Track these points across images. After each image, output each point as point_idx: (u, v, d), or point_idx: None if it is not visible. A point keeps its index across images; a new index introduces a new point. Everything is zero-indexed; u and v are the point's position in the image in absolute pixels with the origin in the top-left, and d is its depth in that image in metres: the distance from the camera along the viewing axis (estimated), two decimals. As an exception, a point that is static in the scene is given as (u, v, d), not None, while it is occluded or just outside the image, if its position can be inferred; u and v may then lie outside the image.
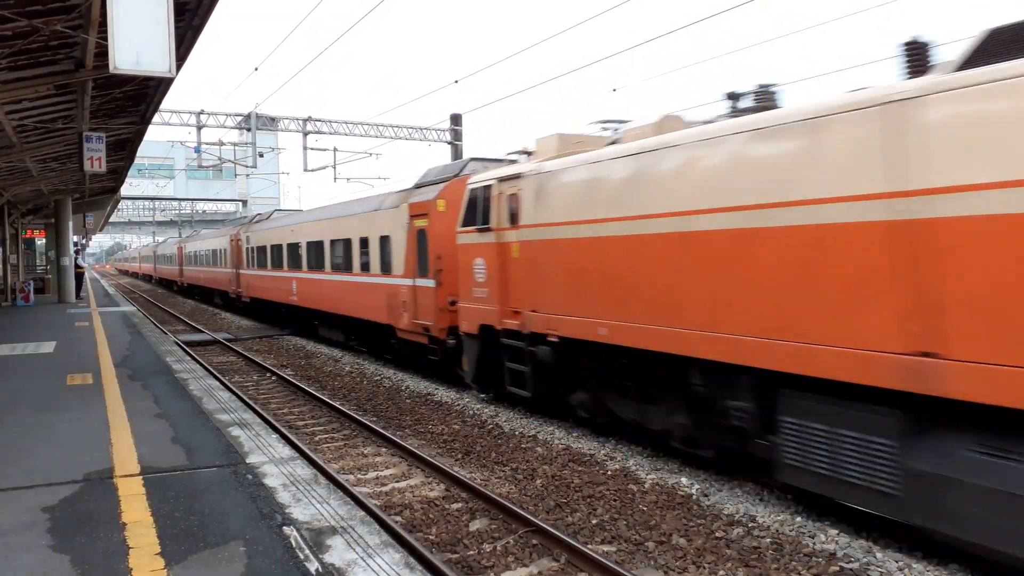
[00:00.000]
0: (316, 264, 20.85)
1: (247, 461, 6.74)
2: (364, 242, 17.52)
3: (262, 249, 26.25)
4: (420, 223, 14.47)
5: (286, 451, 7.17)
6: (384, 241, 16.34)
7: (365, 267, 17.35)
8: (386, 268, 16.15)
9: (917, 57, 7.05)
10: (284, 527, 5.08)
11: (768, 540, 6.74)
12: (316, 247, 20.83)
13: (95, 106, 13.86)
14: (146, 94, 13.70)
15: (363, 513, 5.48)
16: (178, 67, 9.96)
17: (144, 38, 6.99)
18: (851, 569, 6.13)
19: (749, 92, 8.84)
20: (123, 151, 19.88)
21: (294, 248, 22.57)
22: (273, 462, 6.73)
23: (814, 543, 6.66)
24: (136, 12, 7.02)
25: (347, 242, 18.54)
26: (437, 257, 13.89)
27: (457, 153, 32.33)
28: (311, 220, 21.56)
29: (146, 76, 7.90)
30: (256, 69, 24.00)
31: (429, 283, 14.17)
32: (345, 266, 18.58)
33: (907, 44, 7.11)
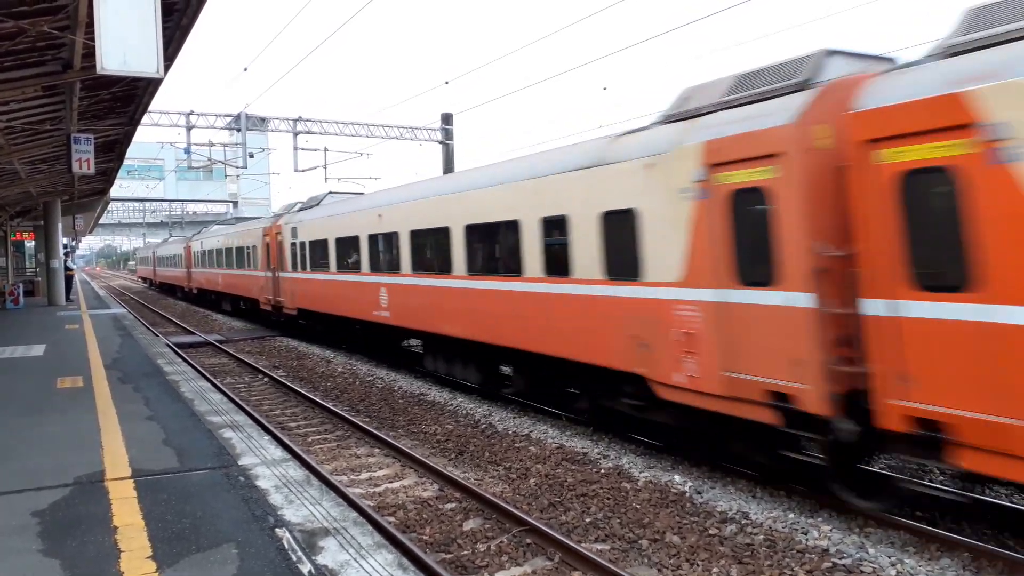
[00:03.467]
0: None
1: (239, 463, 6.71)
2: None
3: None
4: None
5: (278, 452, 7.14)
6: None
7: None
8: None
9: None
10: (277, 529, 5.06)
11: (761, 537, 6.76)
12: None
13: (83, 107, 13.77)
14: (135, 95, 13.61)
15: (356, 514, 5.47)
16: (166, 67, 9.91)
17: (131, 39, 6.94)
18: (844, 565, 6.16)
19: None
20: (112, 152, 19.76)
21: None
22: (265, 464, 6.70)
23: (807, 539, 6.68)
24: (123, 13, 6.97)
25: None
26: None
27: (448, 153, 32.30)
28: None
29: (134, 77, 7.85)
30: (246, 69, 23.95)
31: None
32: None
33: None
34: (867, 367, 6.44)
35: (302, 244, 20.93)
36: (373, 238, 16.01)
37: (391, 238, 15.13)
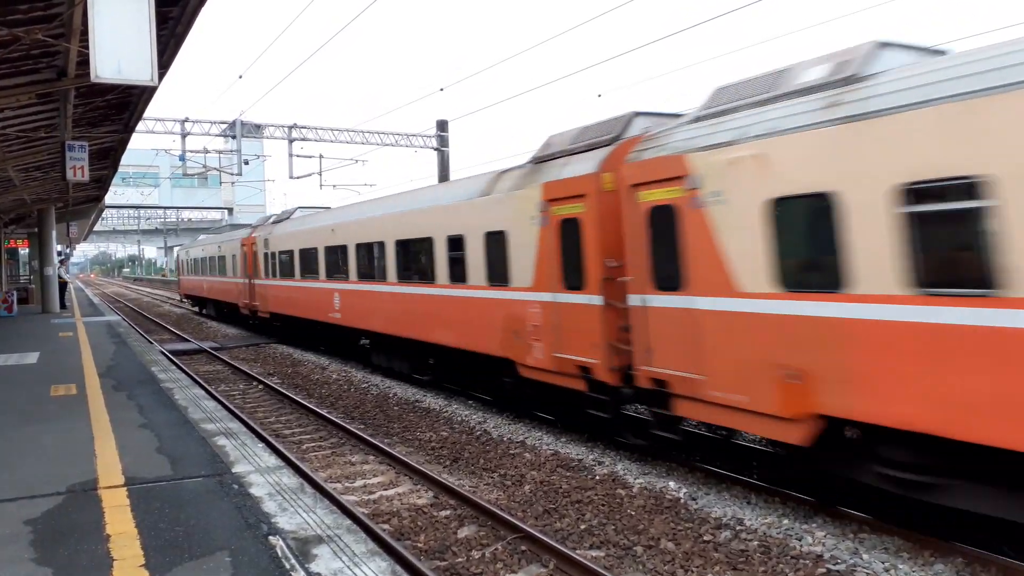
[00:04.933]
0: None
1: (233, 471, 6.70)
2: None
3: None
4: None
5: (272, 460, 7.13)
6: None
7: None
8: None
9: None
10: (270, 537, 5.05)
11: (756, 543, 6.77)
12: None
13: (78, 115, 13.77)
14: (129, 102, 13.62)
15: (349, 522, 5.46)
16: (161, 75, 9.94)
17: (126, 47, 6.95)
18: (838, 571, 6.17)
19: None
20: (107, 160, 19.75)
21: None
22: (259, 471, 6.69)
23: (801, 545, 6.69)
24: (118, 21, 6.98)
25: None
26: None
27: (443, 159, 32.33)
28: None
29: (128, 85, 7.85)
30: (240, 77, 23.96)
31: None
32: None
33: None
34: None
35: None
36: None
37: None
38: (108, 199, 36.91)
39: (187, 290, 39.99)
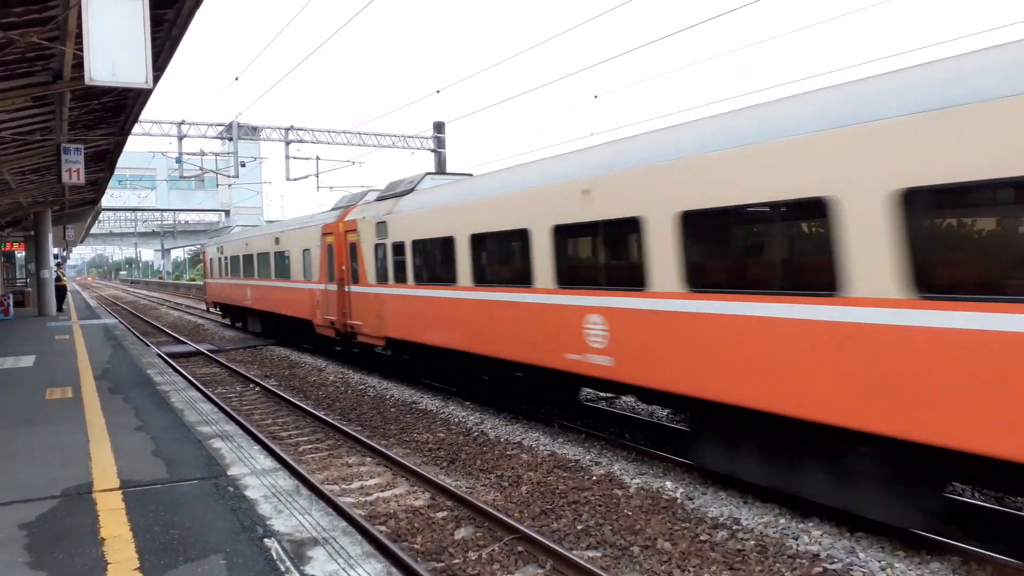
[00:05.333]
0: None
1: (228, 473, 6.69)
2: None
3: None
4: None
5: (268, 462, 7.12)
6: None
7: None
8: None
9: None
10: (265, 539, 5.05)
11: (752, 542, 6.77)
12: None
13: (73, 117, 13.75)
14: (125, 105, 13.61)
15: (345, 523, 5.46)
16: (156, 78, 9.93)
17: (120, 49, 6.95)
18: (834, 570, 6.17)
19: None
20: (103, 162, 19.72)
21: None
22: (255, 474, 6.68)
23: (798, 544, 6.69)
24: (112, 23, 6.98)
25: None
26: None
27: (440, 161, 32.35)
28: None
29: (123, 87, 7.85)
30: (237, 79, 23.93)
31: None
32: None
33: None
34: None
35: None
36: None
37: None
38: (104, 202, 36.87)
39: (218, 298, 30.98)
